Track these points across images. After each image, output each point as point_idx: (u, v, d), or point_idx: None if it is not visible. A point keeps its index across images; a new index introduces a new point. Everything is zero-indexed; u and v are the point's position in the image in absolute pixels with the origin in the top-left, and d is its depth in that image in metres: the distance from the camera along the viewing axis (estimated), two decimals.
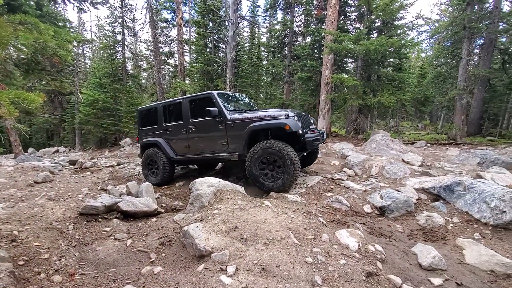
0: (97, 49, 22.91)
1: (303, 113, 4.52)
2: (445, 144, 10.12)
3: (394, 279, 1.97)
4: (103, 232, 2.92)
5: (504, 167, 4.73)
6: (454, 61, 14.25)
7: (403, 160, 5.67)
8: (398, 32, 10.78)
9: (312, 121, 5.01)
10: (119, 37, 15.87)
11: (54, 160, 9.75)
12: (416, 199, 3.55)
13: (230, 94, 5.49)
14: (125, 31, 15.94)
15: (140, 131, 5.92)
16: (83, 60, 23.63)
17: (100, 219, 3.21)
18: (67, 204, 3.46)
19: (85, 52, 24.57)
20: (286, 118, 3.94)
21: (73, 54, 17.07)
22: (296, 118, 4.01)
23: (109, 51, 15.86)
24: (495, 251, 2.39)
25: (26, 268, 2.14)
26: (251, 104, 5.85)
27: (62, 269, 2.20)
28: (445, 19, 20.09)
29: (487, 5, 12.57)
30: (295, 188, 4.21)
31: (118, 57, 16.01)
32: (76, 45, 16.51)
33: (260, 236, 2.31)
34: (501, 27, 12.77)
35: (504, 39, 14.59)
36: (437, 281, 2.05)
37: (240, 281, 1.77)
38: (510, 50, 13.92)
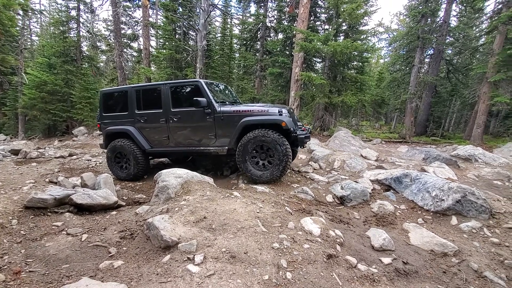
0: (47, 24, 20.12)
1: (291, 110, 4.53)
2: (396, 142, 11.24)
3: (351, 259, 2.15)
4: (53, 227, 2.64)
5: (444, 162, 5.44)
6: (407, 68, 15.80)
7: (361, 155, 6.15)
8: (362, 37, 11.54)
9: (297, 118, 5.02)
10: (73, 13, 14.15)
11: None
12: (371, 189, 3.90)
13: (216, 84, 5.19)
14: (81, 7, 14.28)
15: (102, 117, 5.16)
16: (29, 36, 20.56)
17: (49, 213, 2.89)
18: (9, 197, 3.04)
19: (32, 27, 21.43)
20: (280, 115, 3.92)
21: (18, 28, 14.75)
22: (288, 115, 4.02)
23: (61, 28, 14.06)
24: (435, 234, 2.77)
25: None
26: (235, 96, 5.59)
27: (6, 267, 1.94)
28: (402, 29, 22.08)
29: (438, 19, 14.14)
30: None
31: (71, 35, 14.30)
32: (21, 14, 14.22)
33: (229, 225, 2.32)
34: (448, 40, 14.51)
35: (450, 51, 16.63)
36: (386, 260, 2.29)
37: (208, 268, 1.77)
38: (454, 61, 15.92)
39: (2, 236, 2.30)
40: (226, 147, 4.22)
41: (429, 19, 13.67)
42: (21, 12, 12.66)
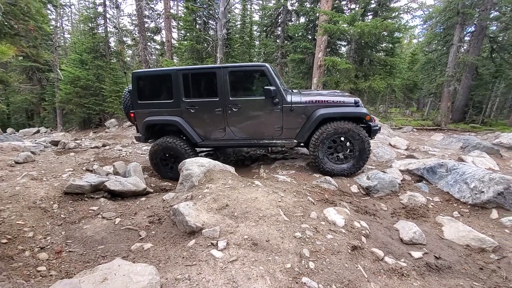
0: (77, 22, 21.35)
1: None
2: (430, 129, 10.44)
3: (377, 252, 2.06)
4: (90, 211, 2.86)
5: (484, 151, 4.95)
6: (444, 47, 14.34)
7: (390, 144, 5.81)
8: (393, 15, 10.63)
9: None
10: (100, 9, 14.77)
11: (35, 140, 9.32)
12: (401, 180, 3.69)
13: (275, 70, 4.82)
14: (107, 3, 14.82)
15: (137, 105, 4.31)
16: (62, 34, 22.01)
17: (86, 198, 3.14)
18: (50, 184, 3.34)
19: (64, 25, 22.88)
20: (357, 105, 3.75)
21: (51, 27, 15.81)
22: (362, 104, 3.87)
23: (90, 25, 14.79)
24: (472, 228, 2.55)
25: (9, 246, 2.08)
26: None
27: (48, 247, 2.15)
28: (439, 4, 19.91)
29: None
30: (285, 169, 4.25)
31: (100, 31, 15.00)
32: (53, 10, 15.15)
33: (250, 213, 2.34)
34: (492, 14, 12.82)
35: (494, 27, 14.72)
36: (417, 254, 2.17)
37: (231, 254, 1.80)
38: (499, 39, 14.10)
39: (45, 219, 2.54)
40: (295, 141, 3.94)
41: None
42: (52, 8, 13.45)
